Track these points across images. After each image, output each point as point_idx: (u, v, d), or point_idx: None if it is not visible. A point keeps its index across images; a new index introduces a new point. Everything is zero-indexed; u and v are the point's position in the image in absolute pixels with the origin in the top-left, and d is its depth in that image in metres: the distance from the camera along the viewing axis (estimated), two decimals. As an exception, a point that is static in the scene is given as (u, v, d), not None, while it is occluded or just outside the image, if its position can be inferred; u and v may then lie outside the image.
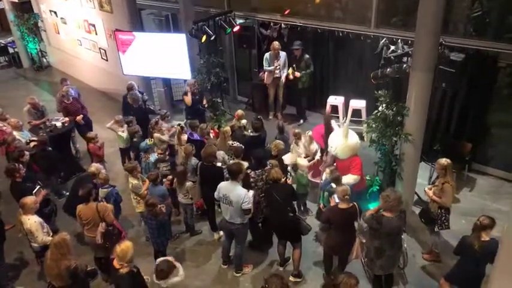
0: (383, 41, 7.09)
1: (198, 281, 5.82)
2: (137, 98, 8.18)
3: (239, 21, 9.19)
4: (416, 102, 5.76)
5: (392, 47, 6.46)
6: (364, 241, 5.09)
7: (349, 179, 5.97)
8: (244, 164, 5.88)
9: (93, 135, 7.38)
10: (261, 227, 6.17)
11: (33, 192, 5.75)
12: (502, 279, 3.28)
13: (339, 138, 6.17)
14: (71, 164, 8.09)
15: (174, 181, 6.33)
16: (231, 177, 5.36)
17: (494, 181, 7.33)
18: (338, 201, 5.04)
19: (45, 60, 14.26)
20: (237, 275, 5.86)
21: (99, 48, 11.13)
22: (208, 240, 6.55)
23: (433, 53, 5.53)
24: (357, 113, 8.17)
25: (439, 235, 5.80)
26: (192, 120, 7.71)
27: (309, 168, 6.85)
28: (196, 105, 8.52)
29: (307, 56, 8.66)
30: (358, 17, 8.06)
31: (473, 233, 4.55)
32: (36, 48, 13.81)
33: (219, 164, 6.32)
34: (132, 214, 6.70)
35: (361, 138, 6.72)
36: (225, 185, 5.43)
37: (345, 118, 8.10)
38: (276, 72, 8.80)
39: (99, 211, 5.28)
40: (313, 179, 6.89)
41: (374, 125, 6.16)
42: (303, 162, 6.44)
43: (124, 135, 7.61)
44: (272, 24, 9.18)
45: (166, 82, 10.05)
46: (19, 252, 6.37)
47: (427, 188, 5.69)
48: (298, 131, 7.14)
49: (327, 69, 9.11)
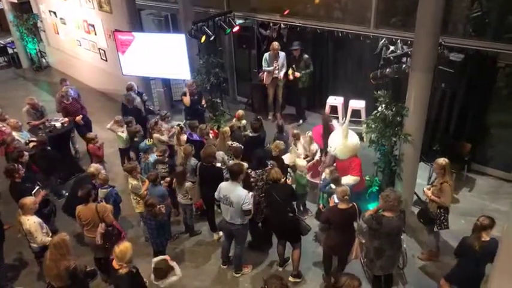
0: (382, 41, 7.09)
1: (197, 281, 5.82)
2: (132, 98, 8.17)
3: (238, 22, 9.19)
4: (415, 102, 5.77)
5: (392, 48, 6.46)
6: (363, 241, 5.09)
7: (348, 180, 5.97)
8: (244, 164, 5.88)
9: (92, 136, 7.37)
10: (261, 227, 6.17)
11: (33, 192, 5.74)
12: (501, 279, 3.28)
13: (339, 139, 6.17)
14: (70, 164, 8.09)
15: (173, 182, 6.33)
16: (231, 177, 5.35)
17: (493, 181, 7.33)
18: (337, 202, 5.05)
19: (44, 60, 14.24)
20: (237, 275, 5.86)
21: (99, 49, 11.13)
22: (207, 240, 6.55)
23: (433, 53, 5.53)
24: (356, 113, 8.18)
25: (437, 235, 5.81)
26: (191, 120, 7.71)
27: (308, 168, 6.85)
28: (195, 105, 8.52)
29: (306, 55, 8.67)
30: (357, 17, 8.06)
31: (474, 234, 4.55)
32: (35, 49, 13.79)
33: (218, 164, 6.32)
34: (132, 214, 6.70)
35: (361, 138, 6.71)
36: (225, 186, 5.42)
37: (344, 118, 8.10)
38: (275, 72, 8.80)
39: (98, 212, 5.28)
40: (313, 180, 6.89)
41: (373, 126, 6.16)
42: (301, 162, 6.44)
43: (124, 135, 7.61)
44: (271, 24, 9.18)
45: (166, 82, 10.06)
46: (18, 253, 6.36)
47: (426, 188, 5.69)
48: (297, 131, 7.15)
49: (327, 70, 9.12)
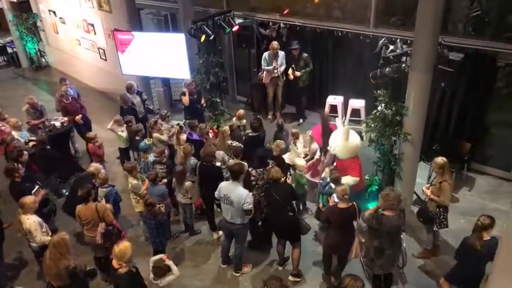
0: (382, 40, 7.08)
1: (197, 281, 5.82)
2: (127, 99, 8.15)
3: (238, 21, 9.18)
4: (415, 101, 5.77)
5: (392, 47, 6.46)
6: (363, 240, 5.10)
7: (348, 181, 5.95)
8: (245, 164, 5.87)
9: (92, 135, 7.36)
10: (261, 226, 6.17)
11: (32, 192, 5.74)
12: (501, 278, 3.28)
13: (339, 139, 6.15)
14: (70, 163, 8.08)
15: (172, 182, 6.32)
16: (232, 177, 5.33)
17: (493, 180, 7.33)
18: (337, 201, 5.05)
19: (44, 60, 14.21)
20: (236, 274, 5.86)
21: (98, 48, 11.11)
22: (207, 240, 6.55)
23: (432, 52, 5.53)
24: (356, 112, 8.18)
25: (437, 234, 5.81)
26: (191, 120, 7.70)
27: (307, 167, 6.85)
28: (195, 105, 8.52)
29: (305, 54, 8.66)
30: (357, 16, 8.06)
31: (475, 234, 4.54)
32: (35, 48, 13.77)
33: (218, 163, 6.32)
34: (132, 214, 6.70)
35: (360, 138, 6.71)
36: (226, 185, 5.41)
37: (344, 118, 8.10)
38: (274, 71, 8.80)
39: (98, 211, 5.27)
40: (312, 179, 6.89)
41: (373, 125, 6.17)
42: (300, 162, 6.43)
43: (124, 135, 7.60)
44: (271, 23, 9.18)
45: (166, 82, 10.06)
46: (18, 252, 6.36)
47: (425, 187, 5.70)
48: (296, 131, 7.14)
49: (326, 69, 9.11)
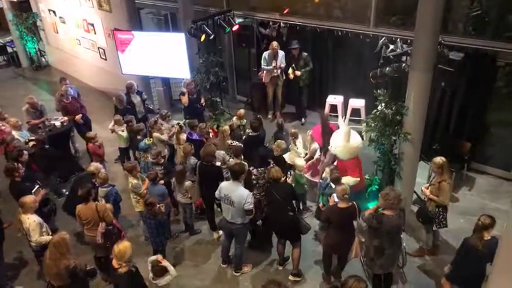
0: (382, 40, 7.08)
1: (197, 280, 5.82)
2: (122, 99, 8.14)
3: (238, 21, 9.17)
4: (415, 101, 5.77)
5: (392, 46, 6.46)
6: (363, 240, 5.09)
7: (348, 181, 5.93)
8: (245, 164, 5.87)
9: (92, 135, 7.36)
10: (261, 226, 6.17)
11: (33, 191, 5.74)
12: (501, 278, 3.28)
13: (340, 140, 6.11)
14: (70, 163, 8.07)
15: (172, 182, 6.32)
16: (232, 177, 5.31)
17: (493, 180, 7.33)
18: (337, 201, 5.05)
19: (44, 59, 14.21)
20: (237, 274, 5.86)
21: (98, 48, 11.11)
22: (207, 239, 6.54)
23: (432, 52, 5.53)
24: (356, 112, 8.17)
25: (436, 234, 5.81)
26: (190, 119, 7.70)
27: (307, 167, 6.85)
28: (194, 104, 8.51)
29: (305, 53, 8.65)
30: (357, 16, 8.05)
31: (475, 234, 4.53)
32: (35, 48, 13.77)
33: (218, 163, 6.32)
34: (132, 213, 6.70)
35: (361, 137, 6.70)
36: (226, 185, 5.40)
37: (344, 117, 8.10)
38: (274, 71, 8.79)
39: (98, 211, 5.28)
40: (312, 178, 6.89)
41: (373, 124, 6.16)
42: (300, 162, 6.43)
43: (124, 134, 7.60)
44: (271, 23, 9.17)
45: (166, 81, 10.05)
46: (18, 252, 6.36)
47: (424, 187, 5.69)
48: (295, 130, 7.14)
49: (326, 69, 9.10)
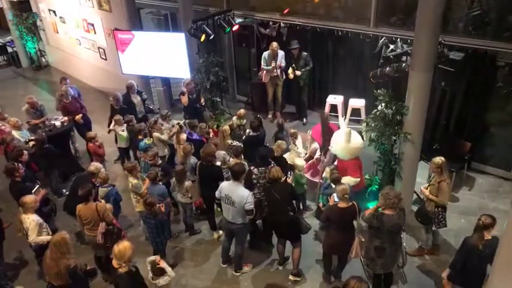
0: (382, 40, 7.09)
1: (197, 280, 5.82)
2: (119, 98, 8.15)
3: (238, 20, 9.17)
4: (415, 101, 5.77)
5: (392, 46, 6.48)
6: (363, 240, 5.09)
7: (348, 181, 5.93)
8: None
9: (93, 135, 7.36)
10: (261, 226, 6.16)
11: (33, 191, 5.74)
12: (501, 277, 3.29)
13: (341, 140, 6.09)
14: (70, 163, 8.08)
15: (172, 182, 6.32)
16: (233, 177, 5.30)
17: (493, 180, 7.33)
18: (337, 200, 5.05)
19: (44, 59, 14.22)
20: (237, 274, 5.86)
21: (98, 48, 11.12)
22: (207, 239, 6.55)
23: (432, 52, 5.53)
24: (356, 112, 8.17)
25: (436, 233, 5.81)
26: (190, 119, 7.70)
27: (307, 167, 6.85)
28: (194, 104, 8.51)
29: (304, 53, 8.64)
30: (357, 16, 8.05)
31: (476, 233, 4.52)
32: (35, 48, 13.78)
33: (218, 163, 6.32)
34: (132, 213, 6.70)
35: (361, 137, 6.70)
36: (227, 185, 5.39)
37: (344, 117, 8.10)
38: (273, 71, 8.79)
39: (98, 211, 5.27)
40: (312, 178, 6.89)
41: (373, 124, 6.16)
42: (300, 162, 6.43)
43: (124, 134, 7.60)
44: (271, 23, 9.17)
45: (165, 81, 10.05)
46: (18, 252, 6.36)
47: (423, 187, 5.70)
48: (295, 131, 7.14)
49: (326, 69, 9.09)
